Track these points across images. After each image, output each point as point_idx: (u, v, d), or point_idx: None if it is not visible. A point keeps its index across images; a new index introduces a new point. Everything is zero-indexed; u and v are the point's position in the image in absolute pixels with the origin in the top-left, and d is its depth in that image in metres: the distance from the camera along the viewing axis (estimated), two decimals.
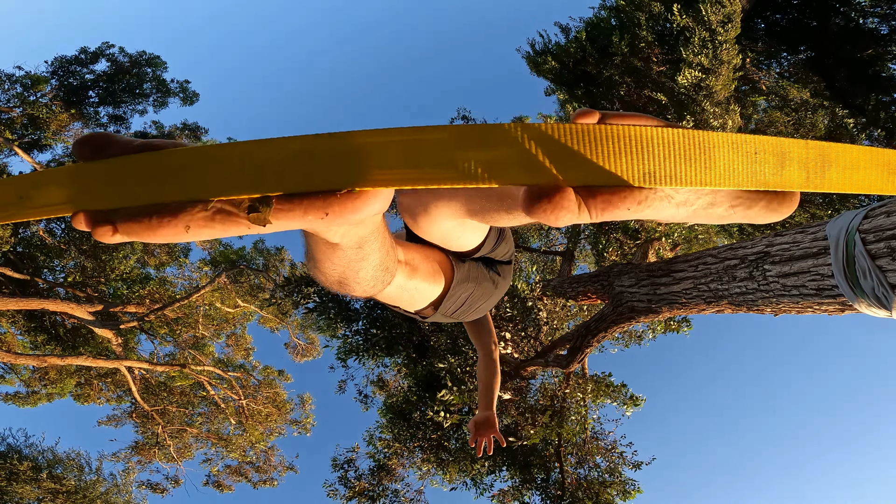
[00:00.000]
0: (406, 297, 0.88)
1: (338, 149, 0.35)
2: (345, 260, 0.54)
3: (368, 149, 0.34)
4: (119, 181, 0.36)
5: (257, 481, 11.84)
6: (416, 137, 0.34)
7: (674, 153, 0.33)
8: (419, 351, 6.34)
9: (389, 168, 0.34)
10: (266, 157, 0.35)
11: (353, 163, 0.35)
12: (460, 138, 0.34)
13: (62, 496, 9.63)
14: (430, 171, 0.34)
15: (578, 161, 0.33)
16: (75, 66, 10.86)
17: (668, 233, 5.81)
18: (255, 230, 0.38)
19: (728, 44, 4.89)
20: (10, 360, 9.13)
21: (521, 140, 0.33)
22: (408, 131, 0.35)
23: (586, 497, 5.52)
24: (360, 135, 0.35)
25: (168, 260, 12.14)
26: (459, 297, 1.02)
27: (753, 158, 0.34)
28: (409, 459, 6.41)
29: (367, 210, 0.39)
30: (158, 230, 0.36)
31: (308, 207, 0.37)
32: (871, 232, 1.93)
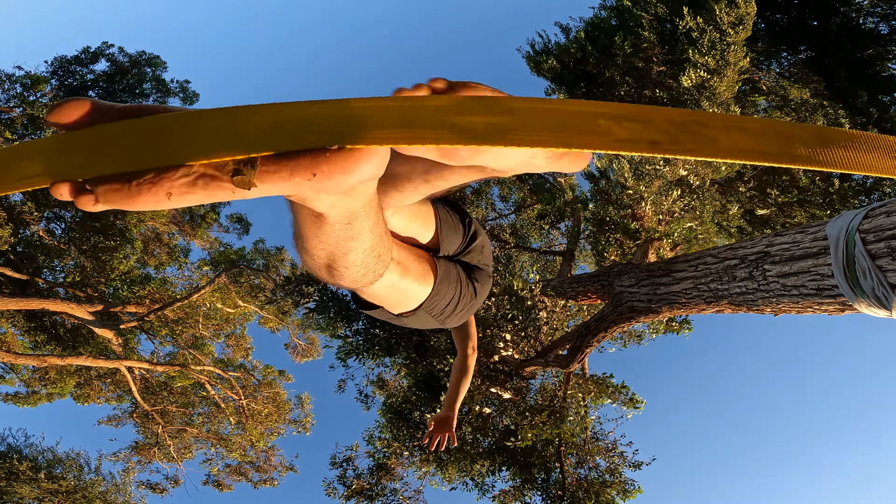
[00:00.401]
0: (395, 297, 0.86)
1: (330, 110, 0.34)
2: (332, 237, 0.51)
3: (362, 111, 0.34)
4: (99, 149, 0.35)
5: (257, 481, 11.85)
6: (415, 104, 0.35)
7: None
8: (419, 351, 6.35)
9: (384, 128, 0.34)
10: (252, 120, 0.34)
11: (345, 122, 0.34)
12: (461, 105, 0.35)
13: (61, 496, 9.63)
14: (426, 130, 0.34)
15: None
16: (75, 66, 10.86)
17: (668, 233, 5.81)
18: (240, 194, 0.37)
19: (737, 45, 4.88)
20: (10, 360, 9.13)
21: (522, 110, 0.35)
22: (406, 98, 0.35)
23: (587, 497, 5.52)
24: (353, 100, 0.35)
25: (168, 260, 12.15)
26: (445, 296, 1.01)
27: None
28: (408, 459, 6.41)
29: (358, 172, 0.37)
30: (138, 197, 0.35)
31: (295, 168, 0.36)
32: (871, 232, 1.93)
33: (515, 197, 9.31)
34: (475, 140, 0.34)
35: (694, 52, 5.03)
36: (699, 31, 5.01)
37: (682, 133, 0.36)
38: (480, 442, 6.11)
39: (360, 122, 0.34)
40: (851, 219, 2.03)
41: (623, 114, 0.36)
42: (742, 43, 4.95)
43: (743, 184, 6.96)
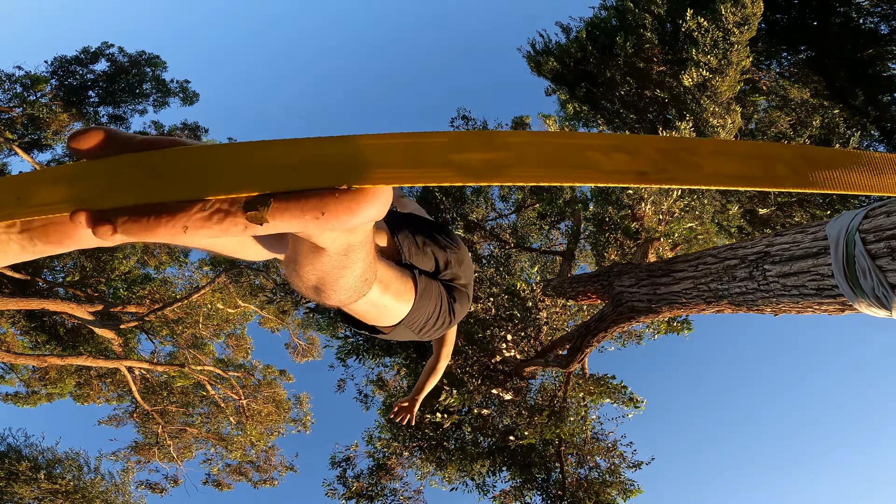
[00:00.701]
0: (374, 312, 0.87)
1: (338, 149, 0.35)
2: (328, 266, 0.53)
3: (369, 149, 0.35)
4: (118, 180, 0.35)
5: (257, 481, 11.85)
6: (417, 140, 0.36)
7: None
8: (419, 351, 6.35)
9: (389, 167, 0.35)
10: (266, 156, 0.35)
11: (353, 162, 0.35)
12: (460, 142, 0.36)
13: (61, 496, 9.63)
14: (430, 170, 0.35)
15: None
16: (75, 66, 10.86)
17: (668, 233, 5.81)
18: (252, 230, 0.38)
19: (740, 45, 4.88)
20: (10, 360, 9.13)
21: (517, 146, 0.36)
22: (409, 135, 0.36)
23: (587, 497, 5.52)
24: (360, 138, 0.36)
25: (168, 260, 12.15)
26: (424, 312, 1.03)
27: None
28: (408, 459, 6.41)
29: (364, 213, 0.39)
30: (157, 230, 0.36)
31: (305, 206, 0.37)
32: (871, 232, 1.93)
33: (515, 197, 9.31)
34: (473, 178, 0.35)
35: (696, 51, 5.02)
36: (702, 31, 5.00)
37: (669, 162, 0.36)
38: (480, 442, 6.11)
39: (365, 161, 0.35)
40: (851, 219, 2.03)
41: (612, 144, 0.37)
42: (746, 43, 4.95)
43: None
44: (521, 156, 0.36)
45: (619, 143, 0.36)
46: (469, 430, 6.06)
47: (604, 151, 0.36)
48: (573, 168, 0.36)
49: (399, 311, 0.93)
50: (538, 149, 0.36)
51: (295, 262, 0.55)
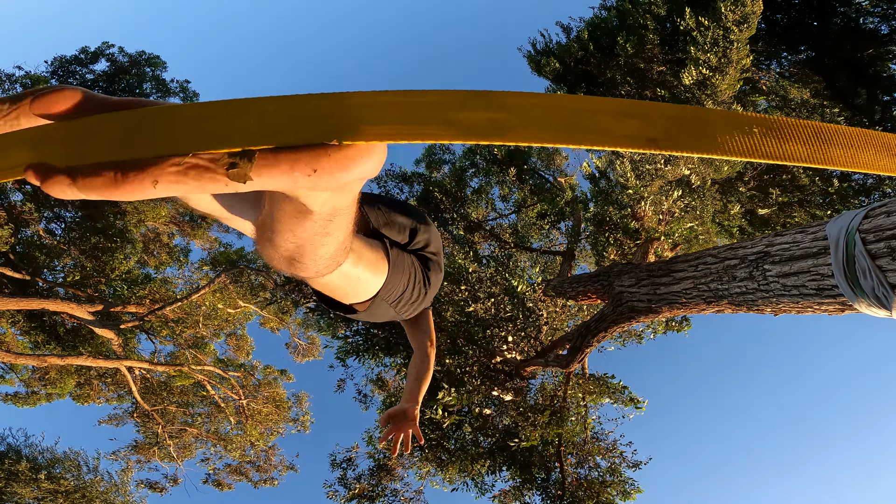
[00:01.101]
0: (348, 286, 0.83)
1: (329, 105, 0.34)
2: (310, 231, 0.49)
3: (361, 106, 0.34)
4: (90, 140, 0.33)
5: (258, 480, 11.85)
6: (414, 99, 0.34)
7: None
8: None
9: (383, 123, 0.34)
10: (250, 112, 0.33)
11: (345, 118, 0.34)
12: (461, 101, 0.34)
13: (61, 496, 9.63)
14: (427, 127, 0.34)
15: None
16: (75, 66, 10.86)
17: (668, 233, 5.81)
18: (234, 187, 0.35)
19: (740, 43, 4.87)
20: (10, 360, 9.13)
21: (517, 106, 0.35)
22: (405, 92, 0.35)
23: (587, 497, 5.52)
24: (352, 94, 0.34)
25: (168, 260, 12.14)
26: (399, 283, 0.99)
27: None
28: (408, 460, 6.40)
29: (358, 169, 0.37)
30: (123, 185, 0.33)
31: (295, 162, 0.35)
32: (872, 232, 1.93)
33: (516, 197, 9.31)
34: (475, 136, 0.34)
35: (695, 49, 5.02)
36: (702, 29, 5.00)
37: (680, 130, 0.36)
38: (481, 442, 6.11)
39: (358, 117, 0.34)
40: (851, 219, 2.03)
41: (623, 110, 0.36)
42: (745, 41, 4.94)
43: (743, 184, 6.95)
44: (525, 117, 0.35)
45: (630, 109, 0.36)
46: (469, 431, 6.06)
47: (614, 116, 0.35)
48: (582, 132, 0.35)
49: (373, 284, 0.89)
50: (546, 111, 0.35)
51: (271, 228, 0.50)
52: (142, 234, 11.40)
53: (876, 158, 0.39)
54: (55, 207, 10.50)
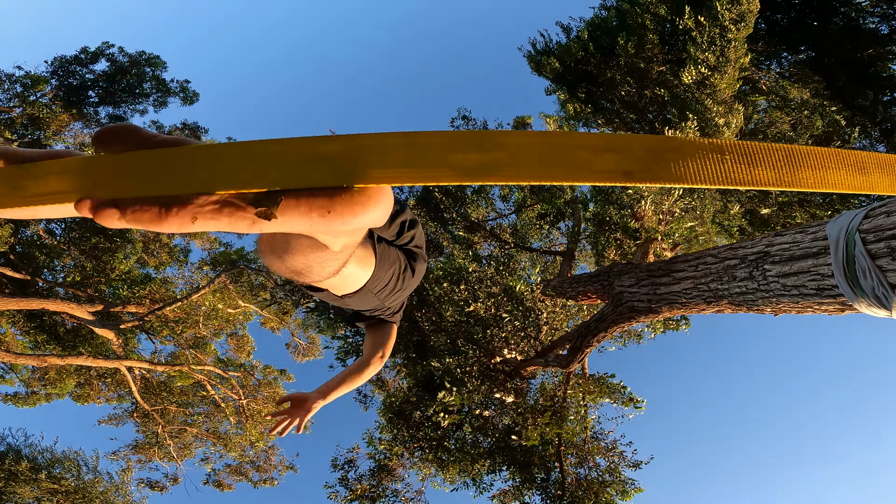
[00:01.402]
0: (340, 282, 0.89)
1: (339, 148, 0.37)
2: (322, 258, 0.55)
3: (369, 149, 0.37)
4: (130, 173, 0.36)
5: (257, 480, 11.84)
6: (417, 140, 0.37)
7: None
8: (419, 351, 6.34)
9: (389, 167, 0.36)
10: (273, 154, 0.37)
11: (353, 161, 0.36)
12: (458, 143, 0.37)
13: (60, 496, 9.63)
14: (428, 170, 0.36)
15: None
16: (75, 66, 10.86)
17: (668, 233, 5.81)
18: (260, 226, 0.39)
19: (737, 42, 4.87)
20: (10, 360, 9.13)
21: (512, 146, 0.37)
22: (407, 134, 0.37)
23: (586, 497, 5.52)
24: (360, 136, 0.37)
25: (168, 260, 12.14)
26: (385, 275, 1.05)
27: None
28: (409, 460, 6.41)
29: (368, 216, 0.40)
30: (166, 219, 0.37)
31: (313, 204, 0.38)
32: (872, 232, 1.93)
33: (516, 197, 9.31)
34: (471, 177, 0.37)
35: (694, 48, 5.02)
36: (699, 28, 5.00)
37: (655, 161, 0.37)
38: (481, 442, 6.11)
39: (367, 161, 0.37)
40: (851, 219, 2.03)
41: (602, 144, 0.38)
42: (743, 40, 4.94)
43: None
44: (514, 156, 0.37)
45: (610, 144, 0.38)
46: (469, 431, 6.06)
47: (594, 151, 0.37)
48: (564, 168, 0.37)
49: (360, 278, 0.95)
50: (531, 149, 0.37)
51: (284, 248, 0.55)
52: (141, 234, 11.40)
53: (847, 177, 0.41)
54: None
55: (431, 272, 6.93)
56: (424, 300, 6.48)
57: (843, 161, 0.40)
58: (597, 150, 0.37)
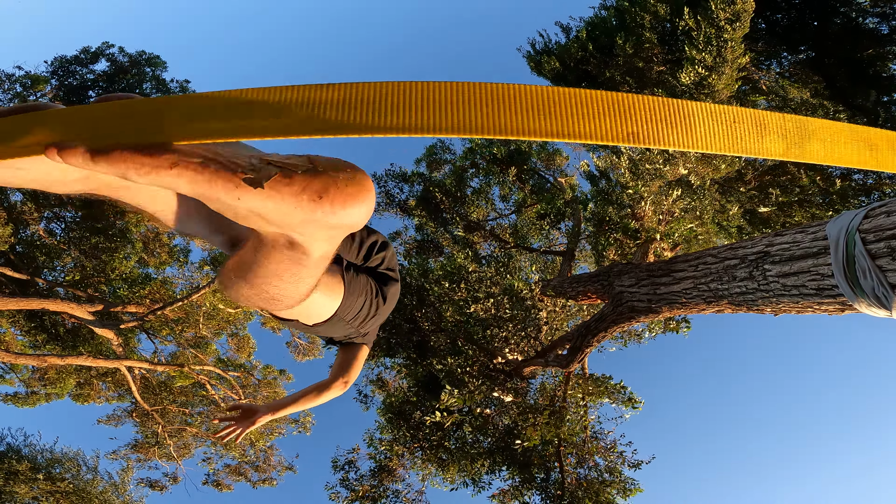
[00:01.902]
0: (307, 311, 0.88)
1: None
2: (298, 275, 0.52)
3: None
4: (104, 122, 0.37)
5: (256, 481, 11.84)
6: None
7: None
8: (419, 352, 6.34)
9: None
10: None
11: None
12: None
13: (59, 495, 9.62)
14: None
15: None
16: (75, 65, 10.86)
17: (668, 233, 5.81)
18: (241, 192, 0.38)
19: (734, 42, 4.86)
20: (10, 360, 9.13)
21: None
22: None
23: (586, 497, 5.52)
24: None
25: (168, 260, 12.14)
26: (356, 303, 1.04)
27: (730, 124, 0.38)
28: (409, 460, 6.41)
29: (356, 209, 0.40)
30: (142, 158, 0.36)
31: (306, 186, 0.38)
32: (872, 232, 1.93)
33: (516, 197, 9.31)
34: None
35: (691, 48, 5.02)
36: (696, 28, 5.00)
37: (661, 123, 0.37)
38: (481, 442, 6.11)
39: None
40: (851, 218, 2.02)
41: (609, 101, 0.37)
42: (739, 40, 4.94)
43: (744, 184, 6.95)
44: None
45: (618, 103, 0.37)
46: (469, 431, 6.06)
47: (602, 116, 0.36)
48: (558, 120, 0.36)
49: (329, 307, 0.94)
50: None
51: (255, 273, 0.52)
52: (142, 233, 11.40)
53: (856, 153, 0.40)
54: (55, 207, 10.50)
55: (431, 272, 6.92)
56: (424, 300, 6.48)
57: (853, 136, 0.39)
58: (602, 115, 0.36)
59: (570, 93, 0.36)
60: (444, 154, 9.82)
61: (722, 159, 5.29)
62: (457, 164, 9.48)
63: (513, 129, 0.34)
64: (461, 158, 9.48)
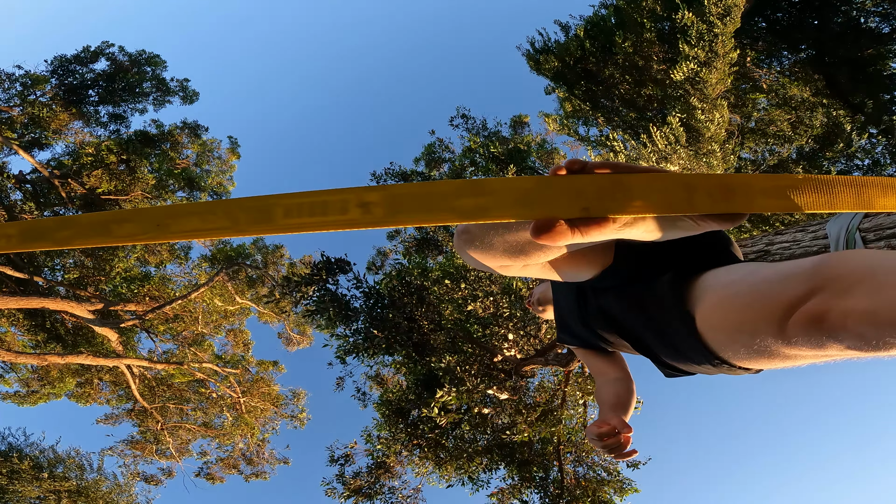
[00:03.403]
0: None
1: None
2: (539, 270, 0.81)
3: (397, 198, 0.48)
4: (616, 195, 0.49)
5: (249, 474, 11.87)
6: (430, 190, 0.46)
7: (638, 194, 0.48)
8: (419, 350, 6.34)
9: (410, 213, 0.46)
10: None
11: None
12: (458, 190, 0.46)
13: (63, 495, 9.63)
14: (438, 214, 0.45)
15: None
16: (75, 65, 10.85)
17: None
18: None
19: (725, 37, 4.88)
20: (10, 359, 9.13)
21: (501, 190, 0.47)
22: (422, 185, 0.46)
23: (584, 495, 5.52)
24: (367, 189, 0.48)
25: (169, 258, 12.15)
26: None
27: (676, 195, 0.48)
28: (407, 458, 6.41)
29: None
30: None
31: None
32: (872, 230, 1.92)
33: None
34: (466, 217, 0.45)
35: (684, 44, 5.03)
36: (688, 24, 5.01)
37: (606, 198, 0.46)
38: (479, 440, 6.11)
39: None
40: (851, 217, 2.02)
41: (566, 186, 0.47)
42: (730, 34, 4.95)
43: None
44: (499, 199, 0.45)
45: (571, 184, 0.47)
46: (468, 429, 6.06)
47: (561, 191, 0.46)
48: (538, 206, 0.46)
49: None
50: (511, 193, 0.46)
51: (524, 257, 0.73)
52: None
53: (776, 202, 0.48)
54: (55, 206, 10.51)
55: (431, 271, 6.92)
56: (424, 299, 6.48)
57: (773, 187, 0.47)
58: (563, 189, 0.47)
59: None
60: (444, 153, 9.82)
61: (715, 158, 5.29)
62: (456, 163, 9.47)
63: None
64: (460, 157, 9.48)
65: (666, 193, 0.45)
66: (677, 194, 0.45)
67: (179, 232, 0.44)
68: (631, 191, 0.46)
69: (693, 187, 0.46)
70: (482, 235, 0.72)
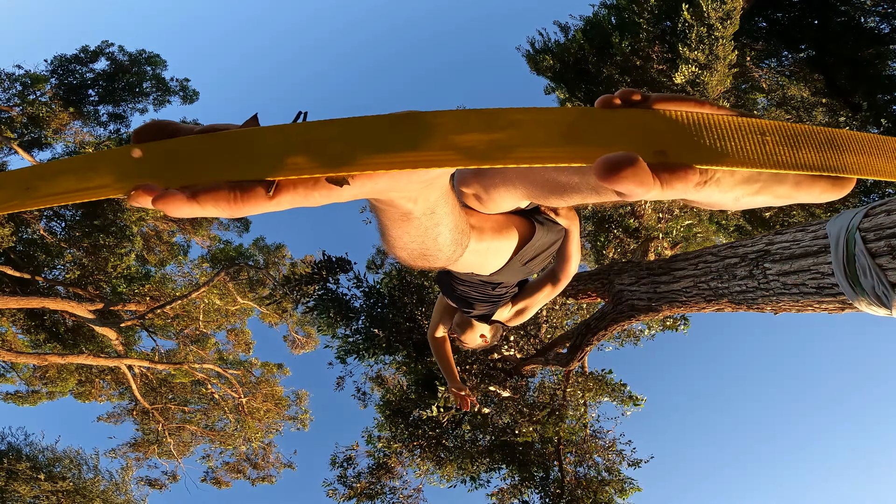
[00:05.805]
0: (479, 260, 0.90)
1: (333, 132, 0.33)
2: (421, 228, 0.55)
3: (364, 134, 0.33)
4: (186, 160, 0.33)
5: (255, 478, 11.86)
6: (417, 121, 0.34)
7: (735, 136, 0.34)
8: (419, 349, 6.35)
9: (387, 152, 0.33)
10: (264, 142, 0.33)
11: (346, 148, 0.33)
12: (462, 122, 0.33)
13: (61, 494, 9.63)
14: (430, 153, 0.33)
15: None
16: (75, 64, 10.85)
17: (667, 231, 5.81)
18: (335, 194, 0.37)
19: (725, 39, 4.90)
20: (10, 359, 9.13)
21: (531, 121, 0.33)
22: (407, 115, 0.34)
23: (585, 495, 5.53)
24: (355, 120, 0.34)
25: (168, 257, 12.15)
26: (536, 244, 1.07)
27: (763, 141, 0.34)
28: (408, 458, 6.42)
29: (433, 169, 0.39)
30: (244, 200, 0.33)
31: None
32: (872, 230, 1.93)
33: None
34: (477, 160, 0.33)
35: (684, 47, 5.05)
36: (687, 27, 5.04)
37: (687, 141, 0.34)
38: (479, 440, 6.12)
39: (363, 145, 0.33)
40: (852, 217, 2.03)
41: (628, 122, 0.35)
42: (730, 37, 4.98)
43: None
44: (528, 135, 0.33)
45: (638, 118, 0.34)
46: (468, 429, 6.07)
47: (623, 126, 0.33)
48: (590, 144, 0.33)
49: (505, 249, 0.96)
50: (546, 126, 0.33)
51: (391, 237, 0.56)
52: (142, 231, 11.40)
53: (888, 164, 0.37)
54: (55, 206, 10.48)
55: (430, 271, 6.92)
56: (424, 299, 6.49)
57: (881, 147, 0.37)
58: (623, 127, 0.33)
59: None
60: None
61: None
62: None
63: None
64: None
65: (764, 144, 0.34)
66: (781, 148, 0.34)
67: (51, 195, 0.34)
68: (721, 135, 0.34)
69: (796, 136, 0.34)
70: None
